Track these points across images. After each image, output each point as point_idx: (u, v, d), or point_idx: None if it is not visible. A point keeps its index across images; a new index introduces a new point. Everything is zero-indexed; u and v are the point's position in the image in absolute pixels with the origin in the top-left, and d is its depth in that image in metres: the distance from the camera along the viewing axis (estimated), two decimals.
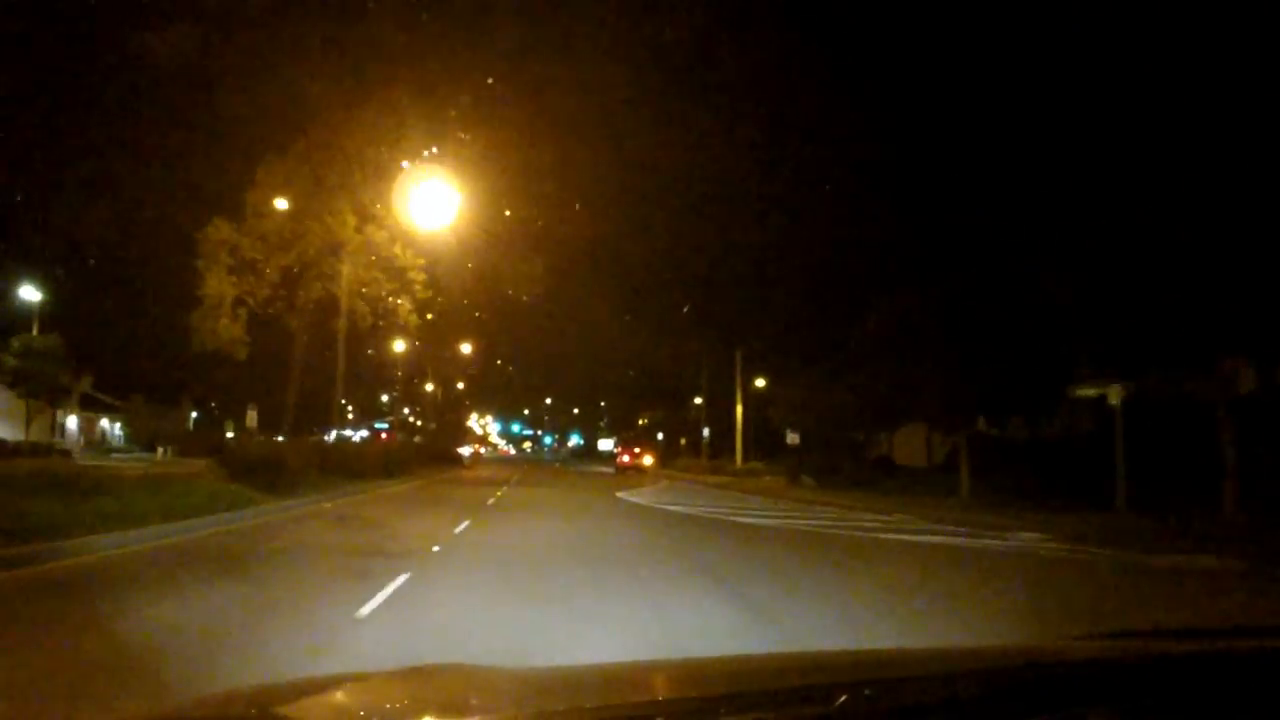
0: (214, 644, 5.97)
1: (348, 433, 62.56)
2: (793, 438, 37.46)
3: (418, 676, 1.93)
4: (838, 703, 1.47)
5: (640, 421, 72.94)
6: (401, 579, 8.69)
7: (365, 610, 7.12)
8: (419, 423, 67.91)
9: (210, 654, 5.69)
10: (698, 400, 61.15)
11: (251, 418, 42.75)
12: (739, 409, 47.11)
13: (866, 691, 1.53)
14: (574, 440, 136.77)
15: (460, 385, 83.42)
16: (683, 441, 63.01)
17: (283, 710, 1.55)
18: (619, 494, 27.12)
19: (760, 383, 46.22)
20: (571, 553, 11.90)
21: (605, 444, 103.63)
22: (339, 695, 1.76)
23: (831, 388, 32.59)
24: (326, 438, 37.31)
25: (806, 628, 7.09)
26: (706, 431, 48.64)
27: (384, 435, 61.95)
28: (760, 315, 44.11)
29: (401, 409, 65.11)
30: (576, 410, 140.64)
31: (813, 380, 34.41)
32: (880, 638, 6.73)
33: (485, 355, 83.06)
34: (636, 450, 54.04)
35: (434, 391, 66.30)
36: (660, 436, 65.03)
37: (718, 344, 48.29)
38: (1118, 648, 2.10)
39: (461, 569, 10.02)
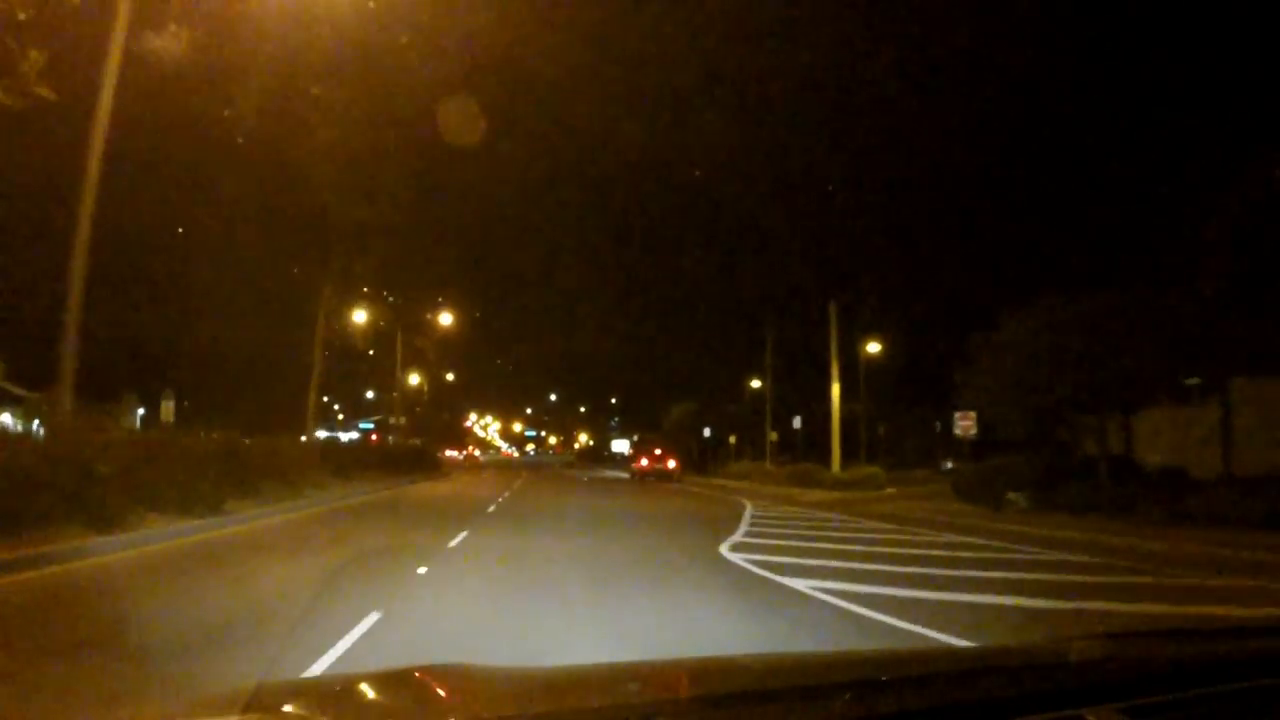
0: None
1: (338, 434, 57.15)
2: (965, 424, 22.77)
3: (418, 676, 1.78)
4: (838, 703, 1.46)
5: (672, 414, 58.23)
6: None
7: None
8: (395, 421, 55.78)
9: None
10: (755, 383, 46.34)
11: (167, 409, 28.92)
12: (834, 389, 32.09)
13: (862, 691, 1.53)
14: (582, 440, 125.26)
15: (450, 377, 72.73)
16: (732, 440, 48.37)
17: (281, 710, 1.48)
18: (724, 550, 11.91)
19: (874, 348, 31.10)
20: None
21: (619, 444, 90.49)
22: (339, 695, 1.70)
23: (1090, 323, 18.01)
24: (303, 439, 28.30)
25: None
26: (798, 422, 33.56)
27: (373, 437, 57.54)
28: (873, 241, 29.21)
29: (399, 408, 53.18)
30: (583, 409, 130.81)
31: (1034, 324, 19.66)
32: None
33: (479, 343, 71.59)
34: (657, 452, 43.79)
35: (419, 384, 54.75)
36: (707, 433, 49.97)
37: (804, 290, 33.46)
38: (1116, 648, 2.01)
39: None
